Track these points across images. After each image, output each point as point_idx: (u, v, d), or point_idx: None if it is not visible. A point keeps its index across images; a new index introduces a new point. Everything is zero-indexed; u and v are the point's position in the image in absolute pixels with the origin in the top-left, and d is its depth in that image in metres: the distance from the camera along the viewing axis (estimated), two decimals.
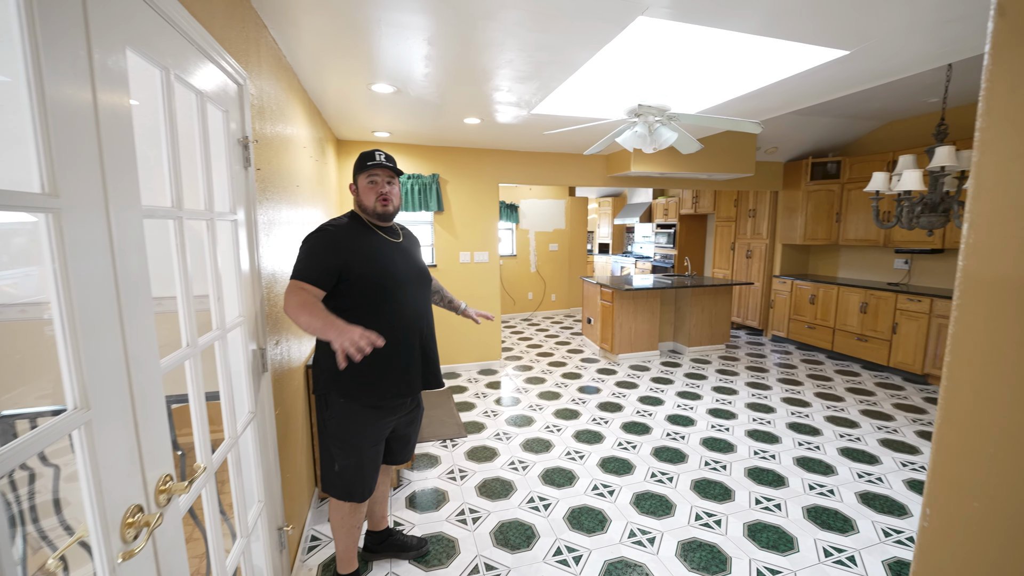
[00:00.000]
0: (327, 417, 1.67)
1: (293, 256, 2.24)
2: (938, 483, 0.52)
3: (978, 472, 0.49)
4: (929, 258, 4.71)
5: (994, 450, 0.47)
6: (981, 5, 1.77)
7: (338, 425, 1.65)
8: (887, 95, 3.91)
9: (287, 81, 2.28)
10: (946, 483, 0.52)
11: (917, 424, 3.46)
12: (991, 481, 0.48)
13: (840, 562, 2.05)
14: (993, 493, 0.48)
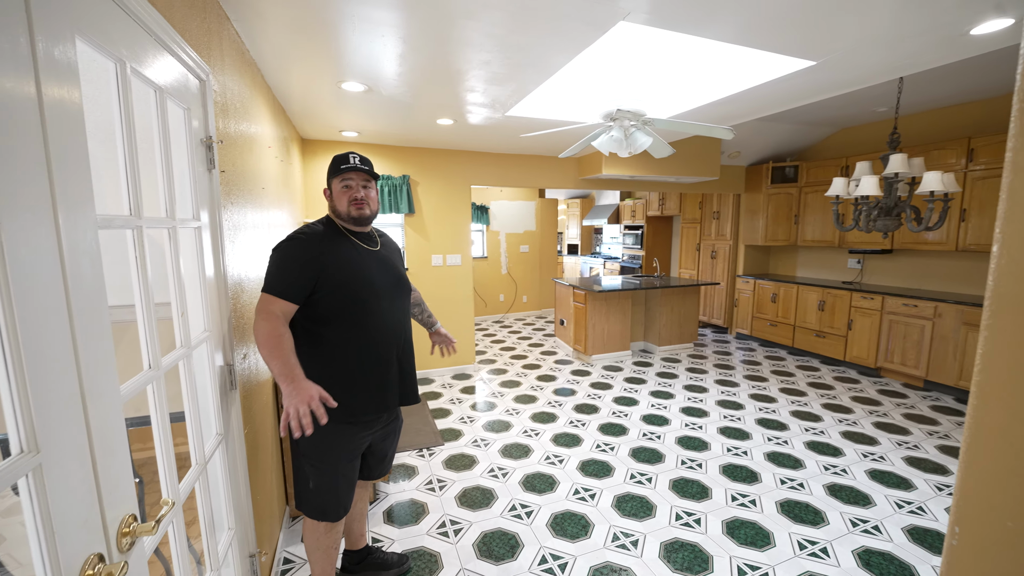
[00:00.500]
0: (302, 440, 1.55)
1: (260, 263, 2.12)
2: (968, 503, 0.52)
3: (1010, 492, 0.48)
4: (880, 258, 4.99)
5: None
6: (934, 23, 1.87)
7: (310, 442, 1.55)
8: (841, 104, 4.11)
9: (251, 77, 2.15)
10: (977, 503, 0.51)
11: (874, 416, 3.65)
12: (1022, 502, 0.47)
13: (814, 554, 2.12)
14: None
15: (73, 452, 0.70)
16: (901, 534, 2.25)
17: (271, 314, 1.42)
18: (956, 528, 0.53)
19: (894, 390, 4.22)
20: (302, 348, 1.49)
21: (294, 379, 1.35)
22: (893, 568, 2.03)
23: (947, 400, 3.98)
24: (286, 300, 1.44)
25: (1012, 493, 0.48)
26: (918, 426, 3.47)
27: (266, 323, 1.41)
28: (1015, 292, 0.47)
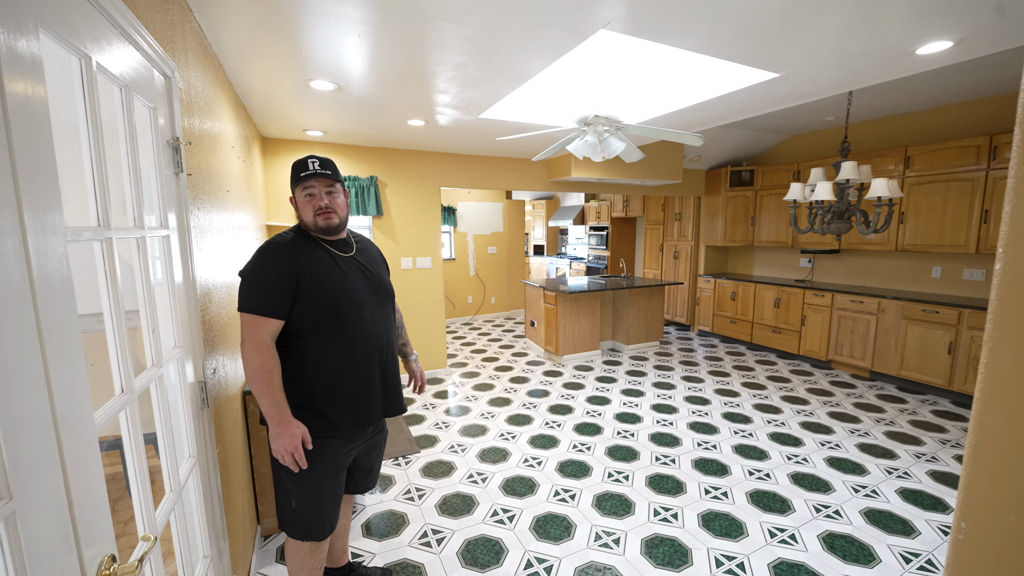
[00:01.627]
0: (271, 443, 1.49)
1: (228, 270, 2.01)
2: (973, 500, 0.56)
3: (1014, 489, 0.52)
4: (829, 258, 5.32)
5: None
6: (883, 43, 2.01)
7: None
8: (793, 113, 4.35)
9: (214, 73, 2.03)
10: (982, 499, 0.55)
11: (828, 406, 3.89)
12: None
13: (784, 541, 2.23)
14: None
15: (48, 493, 0.64)
16: (859, 517, 2.41)
17: (262, 343, 1.36)
18: (962, 523, 0.57)
19: (844, 381, 4.51)
20: (282, 361, 1.43)
21: (280, 421, 1.35)
22: (854, 549, 2.17)
23: (890, 389, 4.29)
24: (272, 318, 1.37)
25: (1014, 489, 0.52)
26: (867, 414, 3.72)
27: (257, 355, 1.35)
28: (1017, 307, 0.51)
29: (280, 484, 1.53)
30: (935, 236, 4.13)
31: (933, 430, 3.43)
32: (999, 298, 0.52)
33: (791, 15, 1.77)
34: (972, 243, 3.89)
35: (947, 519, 2.39)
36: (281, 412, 1.35)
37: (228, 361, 1.88)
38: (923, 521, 2.37)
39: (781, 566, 2.06)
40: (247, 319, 1.36)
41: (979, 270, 4.13)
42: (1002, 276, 0.52)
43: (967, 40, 1.96)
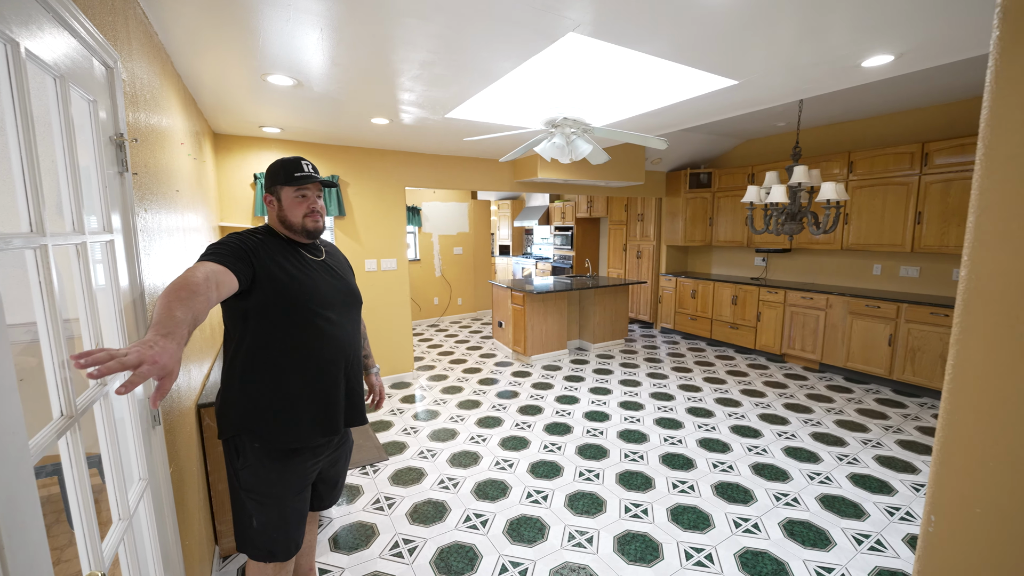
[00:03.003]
0: (239, 467, 1.41)
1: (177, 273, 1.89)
2: (942, 493, 0.59)
3: (978, 483, 0.55)
4: (781, 256, 5.60)
5: (993, 463, 0.54)
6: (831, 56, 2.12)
7: (253, 475, 1.40)
8: (747, 118, 4.55)
9: (160, 65, 1.89)
10: (949, 493, 0.58)
11: (783, 398, 4.09)
12: (990, 490, 0.54)
13: (748, 530, 2.32)
14: (991, 500, 0.54)
15: None
16: (815, 503, 2.54)
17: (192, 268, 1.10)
18: (932, 516, 0.59)
19: (797, 373, 4.76)
20: (240, 378, 1.37)
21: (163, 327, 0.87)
22: (811, 534, 2.28)
23: (838, 380, 4.56)
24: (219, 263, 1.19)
25: (980, 484, 0.55)
26: (818, 404, 3.94)
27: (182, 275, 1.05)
28: (981, 312, 0.53)
29: (239, 503, 1.44)
30: (875, 236, 4.42)
31: (877, 417, 3.67)
32: (965, 303, 0.55)
33: (748, 26, 1.84)
34: (908, 242, 4.19)
35: (892, 500, 2.55)
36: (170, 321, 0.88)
37: (180, 373, 1.75)
38: (871, 504, 2.53)
39: (746, 555, 2.14)
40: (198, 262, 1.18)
41: (914, 267, 4.46)
42: (967, 283, 0.55)
43: (907, 55, 2.10)
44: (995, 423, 0.53)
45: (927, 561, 0.61)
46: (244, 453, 1.40)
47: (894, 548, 2.18)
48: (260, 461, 1.40)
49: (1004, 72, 0.50)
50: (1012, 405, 0.52)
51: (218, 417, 1.42)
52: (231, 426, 1.39)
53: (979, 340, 0.54)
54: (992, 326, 0.53)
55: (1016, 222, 0.50)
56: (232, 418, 1.39)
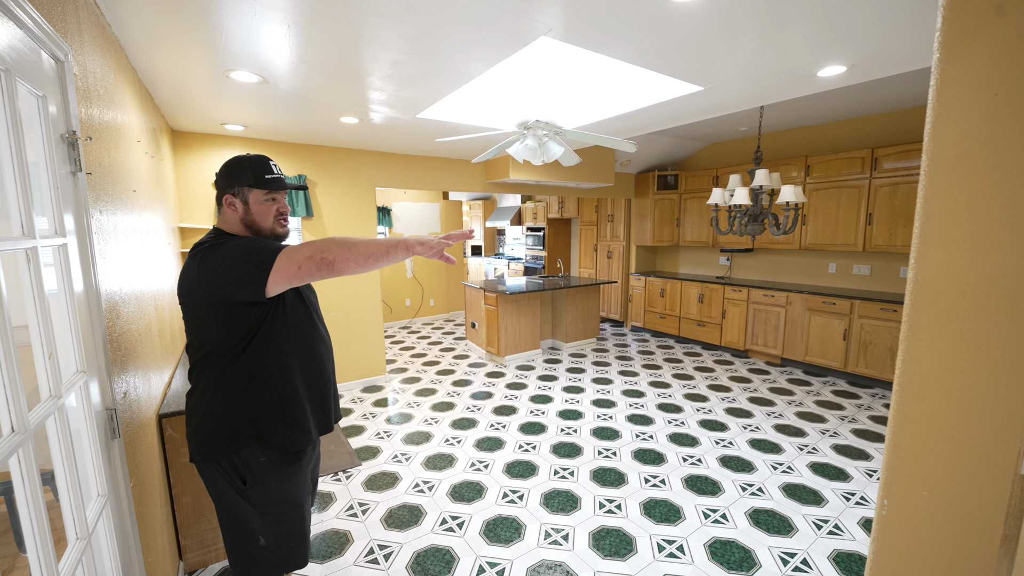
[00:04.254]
0: (248, 485, 1.30)
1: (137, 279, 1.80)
2: (893, 479, 0.63)
3: (926, 469, 0.60)
4: (744, 256, 5.82)
5: (939, 450, 0.58)
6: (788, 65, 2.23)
7: (266, 489, 1.31)
8: (712, 123, 4.71)
9: (115, 58, 1.80)
10: (900, 479, 0.62)
11: (747, 392, 4.25)
12: (936, 475, 0.59)
13: (716, 521, 2.40)
14: (937, 485, 0.59)
15: None
16: (779, 492, 2.66)
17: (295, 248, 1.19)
18: (885, 501, 0.64)
19: (760, 368, 4.96)
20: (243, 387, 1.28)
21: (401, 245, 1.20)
22: (776, 522, 2.39)
23: (798, 373, 4.78)
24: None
25: (926, 469, 0.60)
26: (780, 397, 4.11)
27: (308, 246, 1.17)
28: (927, 311, 0.58)
29: (243, 526, 1.32)
30: (830, 236, 4.66)
31: (833, 408, 3.87)
32: (912, 303, 0.60)
33: (712, 36, 1.91)
34: (860, 242, 4.43)
35: (848, 486, 2.70)
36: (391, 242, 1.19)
37: (140, 382, 1.68)
38: (830, 491, 2.67)
39: (715, 545, 2.22)
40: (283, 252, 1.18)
41: (865, 265, 4.72)
42: (914, 283, 0.59)
43: (858, 66, 2.23)
44: (940, 413, 0.58)
45: (881, 543, 0.65)
46: (252, 469, 1.30)
47: (850, 531, 2.31)
48: (271, 473, 1.32)
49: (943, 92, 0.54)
50: (954, 396, 0.56)
51: (205, 438, 1.28)
52: (230, 444, 1.27)
53: (925, 336, 0.58)
54: (936, 323, 0.57)
55: (956, 227, 0.54)
56: (231, 434, 1.27)
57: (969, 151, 0.52)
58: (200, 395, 1.30)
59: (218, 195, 1.36)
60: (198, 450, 1.29)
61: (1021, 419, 0.51)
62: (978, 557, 0.54)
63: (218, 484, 1.31)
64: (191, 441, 1.30)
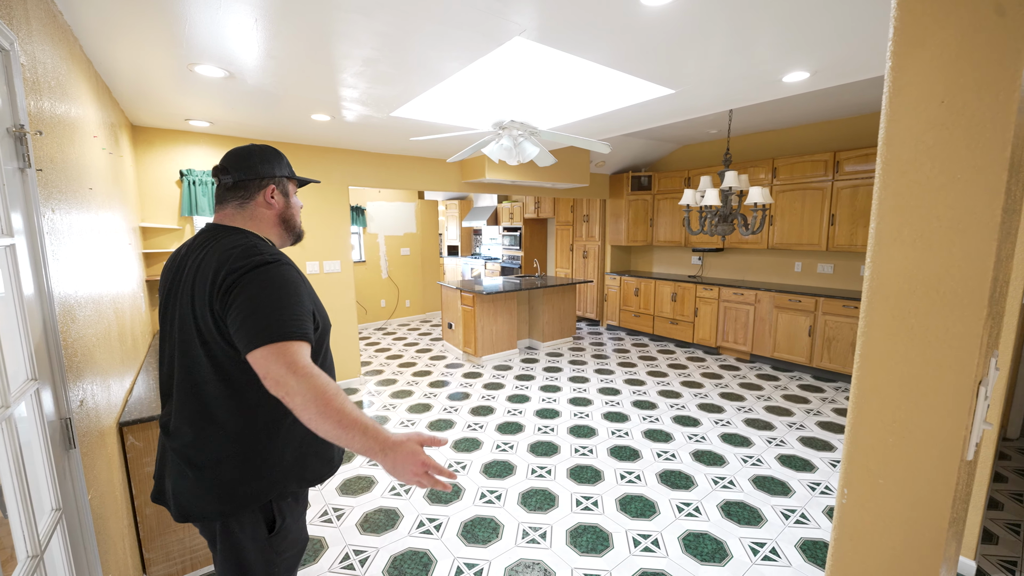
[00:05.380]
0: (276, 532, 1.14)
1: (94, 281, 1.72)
2: (853, 468, 0.66)
3: (882, 458, 0.63)
4: (715, 255, 5.97)
5: (893, 440, 0.61)
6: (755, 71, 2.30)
7: (287, 534, 1.18)
8: (683, 126, 4.81)
9: (67, 48, 1.71)
10: (859, 468, 0.65)
11: (719, 388, 4.37)
12: (891, 464, 0.62)
13: (690, 514, 2.46)
14: (892, 472, 0.62)
15: None
16: (749, 484, 2.74)
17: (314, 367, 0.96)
18: (845, 489, 0.67)
19: (730, 364, 5.10)
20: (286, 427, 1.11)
21: (386, 446, 0.93)
22: (746, 513, 2.46)
23: (767, 368, 4.94)
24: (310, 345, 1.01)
25: (882, 458, 0.63)
26: (750, 392, 4.24)
27: (319, 378, 0.93)
28: (881, 308, 0.61)
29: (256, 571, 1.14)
30: (796, 236, 4.83)
31: (800, 402, 4.01)
32: (868, 300, 0.62)
33: (683, 40, 1.96)
34: (823, 242, 4.62)
35: (814, 476, 2.81)
36: (380, 435, 0.93)
37: (98, 389, 1.60)
38: (796, 481, 2.76)
39: (689, 537, 2.28)
40: (289, 347, 0.95)
41: (829, 264, 4.92)
42: (869, 282, 0.62)
43: (820, 72, 2.32)
44: (893, 404, 0.61)
45: (842, 529, 0.68)
46: (283, 514, 1.15)
47: (816, 520, 2.40)
48: (296, 513, 1.20)
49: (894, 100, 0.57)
50: (906, 388, 0.59)
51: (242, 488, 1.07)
52: (269, 490, 1.10)
53: (879, 332, 0.61)
54: (889, 319, 0.60)
55: (907, 228, 0.57)
56: (272, 478, 1.10)
57: (918, 155, 0.55)
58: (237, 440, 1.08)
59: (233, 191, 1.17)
60: (233, 501, 1.07)
61: (967, 409, 0.54)
62: (929, 539, 0.57)
63: (237, 536, 1.10)
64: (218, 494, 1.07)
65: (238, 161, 1.17)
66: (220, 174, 1.17)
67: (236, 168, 1.16)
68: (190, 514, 1.08)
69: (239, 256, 1.03)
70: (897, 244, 0.58)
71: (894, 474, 0.61)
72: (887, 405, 0.61)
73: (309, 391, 0.91)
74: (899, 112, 0.56)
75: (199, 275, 1.06)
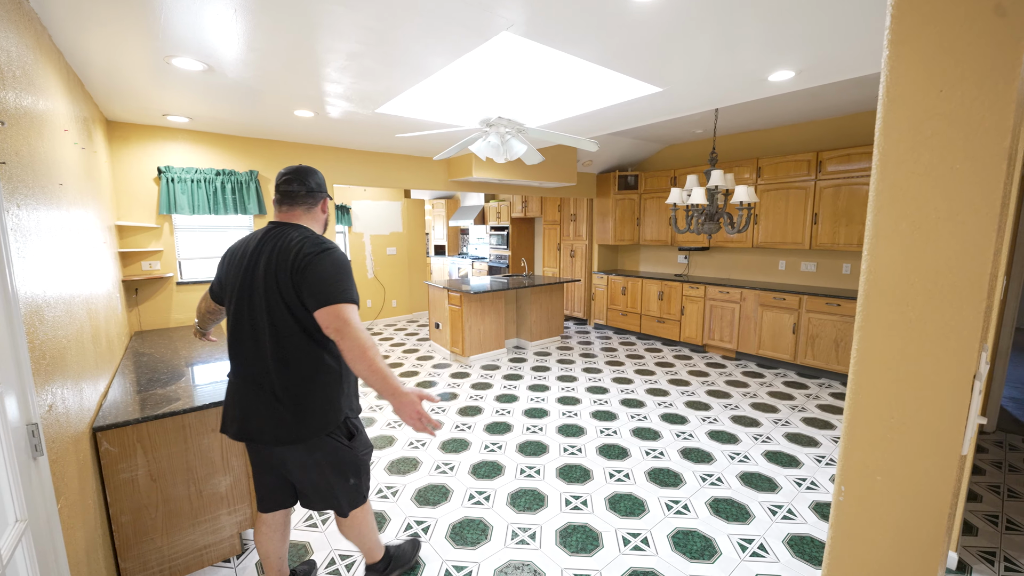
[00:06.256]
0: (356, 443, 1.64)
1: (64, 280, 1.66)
2: (850, 465, 0.65)
3: (880, 454, 0.62)
4: (701, 254, 6.03)
5: (891, 436, 0.60)
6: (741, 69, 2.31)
7: (361, 438, 1.67)
8: (670, 125, 4.84)
9: (33, 37, 1.64)
10: (856, 465, 0.64)
11: (705, 385, 4.40)
12: (888, 460, 0.61)
13: (678, 512, 2.46)
14: (890, 468, 0.61)
15: None
16: (736, 481, 2.76)
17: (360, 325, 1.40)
18: (842, 487, 0.66)
19: (716, 362, 5.15)
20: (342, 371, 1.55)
21: (395, 393, 1.39)
22: (734, 510, 2.47)
23: (752, 366, 5.00)
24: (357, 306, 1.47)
25: (880, 455, 0.62)
26: (736, 390, 4.28)
27: (363, 332, 1.38)
28: (879, 301, 0.60)
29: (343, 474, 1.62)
30: (780, 235, 4.90)
31: (785, 398, 4.06)
32: (866, 293, 0.61)
33: (669, 38, 1.96)
34: (807, 240, 4.69)
35: (800, 472, 2.84)
36: (393, 384, 1.38)
37: (69, 393, 1.53)
38: (783, 477, 2.79)
39: (678, 535, 2.28)
40: (349, 308, 1.39)
41: (812, 263, 4.99)
42: (867, 275, 0.61)
43: (804, 71, 2.35)
44: (891, 399, 0.60)
45: (839, 528, 0.67)
46: (355, 427, 1.65)
47: (803, 515, 2.42)
48: (360, 427, 1.68)
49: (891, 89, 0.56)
50: (904, 382, 0.58)
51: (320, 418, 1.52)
52: (340, 413, 1.57)
53: (877, 325, 0.60)
54: (887, 312, 0.59)
55: (905, 220, 0.56)
56: (341, 405, 1.57)
57: (916, 146, 0.54)
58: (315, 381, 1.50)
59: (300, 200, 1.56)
60: (321, 425, 1.52)
61: (964, 402, 0.53)
62: (929, 535, 0.57)
63: (331, 446, 1.56)
64: (311, 420, 1.50)
65: (310, 177, 1.59)
66: (291, 184, 1.55)
67: (311, 183, 1.58)
68: (298, 437, 1.50)
69: (310, 244, 1.45)
70: (895, 236, 0.57)
71: (893, 470, 0.61)
72: (885, 401, 0.60)
73: (354, 340, 1.35)
74: (896, 101, 0.55)
75: (280, 257, 1.45)
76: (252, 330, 1.49)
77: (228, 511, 2.08)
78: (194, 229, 3.75)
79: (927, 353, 0.55)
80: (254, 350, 1.49)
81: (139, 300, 3.45)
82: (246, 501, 2.12)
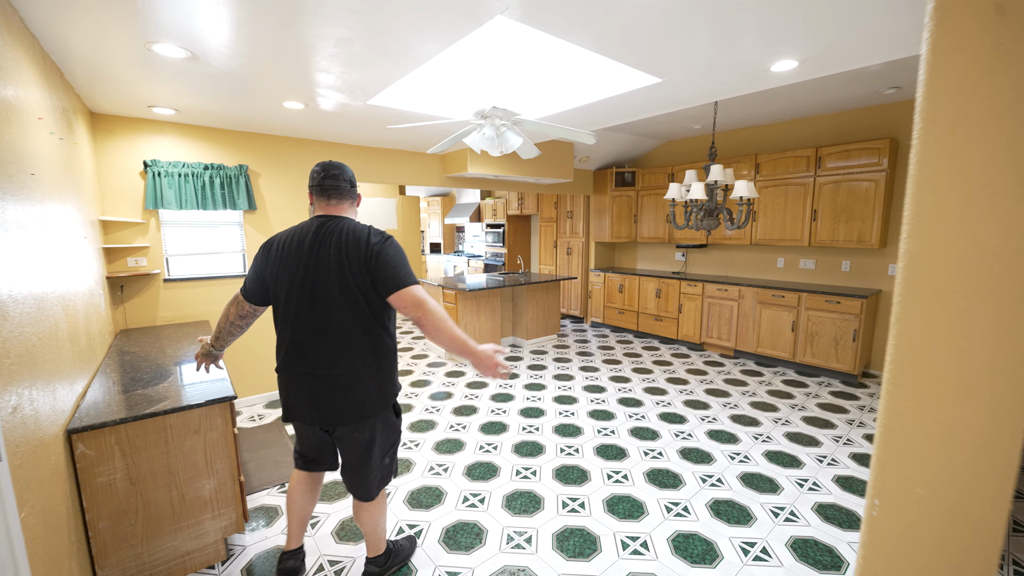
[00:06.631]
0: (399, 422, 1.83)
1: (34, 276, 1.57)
2: (884, 475, 0.58)
3: (920, 464, 0.55)
4: (699, 251, 5.97)
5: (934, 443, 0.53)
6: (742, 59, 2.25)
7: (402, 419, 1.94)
8: (666, 121, 4.78)
9: (3, 20, 1.55)
10: (892, 475, 0.57)
11: (704, 384, 4.35)
12: (931, 470, 0.54)
13: (678, 514, 2.40)
14: (933, 480, 0.54)
15: None
16: (737, 481, 2.70)
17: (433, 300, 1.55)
18: (876, 500, 0.59)
19: (714, 360, 5.10)
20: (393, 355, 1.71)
21: (474, 351, 1.55)
22: (735, 512, 2.42)
23: (750, 364, 4.95)
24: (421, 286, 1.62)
25: (921, 464, 0.55)
26: (735, 388, 4.23)
27: (439, 307, 1.54)
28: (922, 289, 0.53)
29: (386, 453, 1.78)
30: (779, 232, 4.85)
31: (784, 397, 4.01)
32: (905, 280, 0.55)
33: (669, 25, 1.89)
34: (806, 237, 4.64)
35: (801, 473, 2.78)
36: (470, 345, 1.55)
37: (39, 394, 1.45)
38: (784, 478, 2.74)
39: (678, 538, 2.22)
40: (420, 288, 1.56)
41: (811, 260, 4.95)
42: (907, 258, 0.54)
43: (808, 61, 2.28)
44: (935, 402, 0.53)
45: (871, 546, 0.60)
46: (399, 407, 1.83)
47: (805, 517, 2.37)
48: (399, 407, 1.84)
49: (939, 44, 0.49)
50: (951, 382, 0.51)
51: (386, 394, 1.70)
52: (398, 387, 1.77)
53: (919, 316, 0.54)
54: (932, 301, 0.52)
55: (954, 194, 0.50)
56: (396, 386, 1.75)
57: (969, 109, 0.47)
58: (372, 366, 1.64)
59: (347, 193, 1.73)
60: (384, 402, 1.70)
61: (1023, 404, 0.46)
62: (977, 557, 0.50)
63: (392, 420, 1.77)
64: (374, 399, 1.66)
65: (349, 173, 1.75)
66: (339, 180, 1.70)
67: (352, 178, 1.76)
68: (361, 415, 1.65)
69: (374, 234, 1.61)
70: (943, 214, 0.50)
71: (936, 482, 0.54)
72: (928, 403, 0.54)
73: (435, 314, 1.53)
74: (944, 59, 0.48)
75: (351, 247, 1.57)
76: (316, 316, 1.58)
77: (212, 515, 2.00)
78: (182, 225, 3.65)
79: (980, 348, 0.48)
80: (318, 336, 1.59)
81: (124, 297, 3.35)
82: (231, 505, 2.04)
